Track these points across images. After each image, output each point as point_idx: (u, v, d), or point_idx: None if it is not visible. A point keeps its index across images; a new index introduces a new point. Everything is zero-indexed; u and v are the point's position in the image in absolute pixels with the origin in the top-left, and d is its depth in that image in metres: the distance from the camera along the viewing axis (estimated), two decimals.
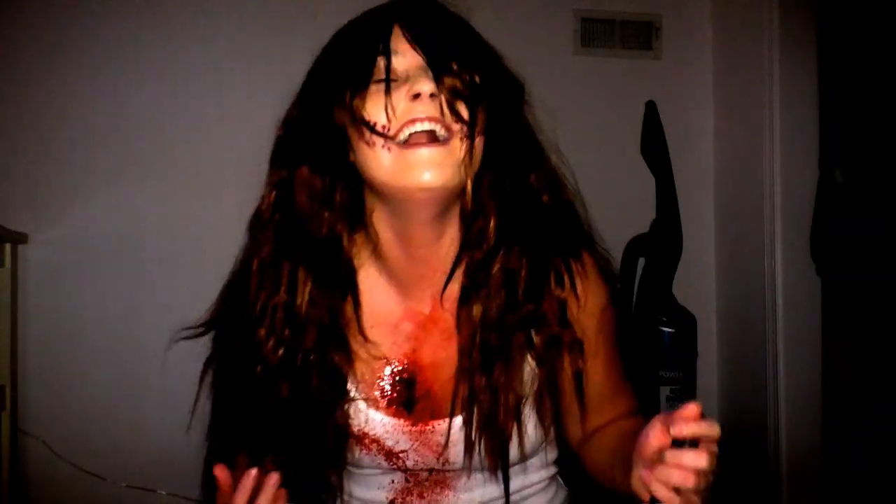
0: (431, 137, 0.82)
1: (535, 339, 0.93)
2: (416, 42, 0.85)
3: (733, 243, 2.31)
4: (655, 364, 2.17)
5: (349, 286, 0.94)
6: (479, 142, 0.85)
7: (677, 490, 0.75)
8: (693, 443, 0.75)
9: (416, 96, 0.82)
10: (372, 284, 0.97)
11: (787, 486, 2.09)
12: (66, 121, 1.99)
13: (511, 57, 0.98)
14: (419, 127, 0.82)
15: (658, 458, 0.76)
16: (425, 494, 1.00)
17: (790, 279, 2.09)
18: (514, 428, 0.93)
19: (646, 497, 0.78)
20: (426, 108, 0.82)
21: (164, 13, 2.05)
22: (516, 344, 0.92)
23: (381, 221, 0.92)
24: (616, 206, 2.35)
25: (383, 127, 0.83)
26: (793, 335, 2.09)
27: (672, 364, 2.17)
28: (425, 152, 0.82)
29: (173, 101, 2.04)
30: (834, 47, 2.10)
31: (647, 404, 2.16)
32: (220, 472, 0.86)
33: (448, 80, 0.83)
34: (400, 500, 1.02)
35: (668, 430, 0.76)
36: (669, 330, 2.17)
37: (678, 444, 0.75)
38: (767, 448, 2.12)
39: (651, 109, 2.28)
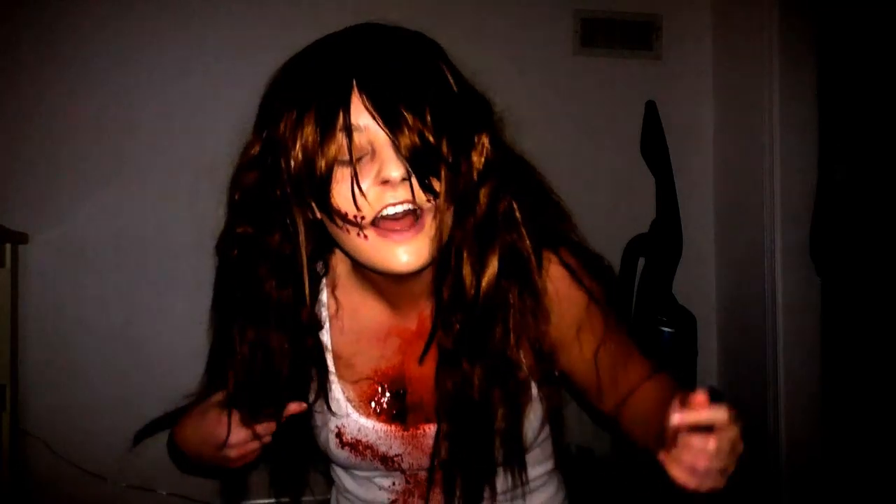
0: (409, 214, 0.81)
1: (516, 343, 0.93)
2: (377, 110, 0.79)
3: (733, 243, 2.31)
4: (655, 364, 2.17)
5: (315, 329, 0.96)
6: (450, 210, 0.84)
7: (696, 470, 0.78)
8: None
9: (386, 182, 0.80)
10: (357, 301, 0.98)
11: (787, 485, 2.09)
12: (67, 121, 1.98)
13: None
14: (391, 210, 0.81)
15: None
16: (426, 496, 1.01)
17: (790, 279, 2.09)
18: (502, 428, 0.94)
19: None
20: (397, 193, 0.80)
21: (164, 13, 2.05)
22: (497, 353, 0.92)
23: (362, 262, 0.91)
24: (616, 206, 2.35)
25: (355, 217, 0.81)
26: (793, 335, 2.09)
27: (672, 364, 2.17)
28: (402, 240, 0.82)
29: (174, 101, 2.04)
30: (834, 47, 2.10)
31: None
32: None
33: (416, 153, 0.79)
34: (401, 501, 1.03)
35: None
36: (669, 330, 2.17)
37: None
38: (767, 447, 2.12)
39: (651, 109, 2.28)
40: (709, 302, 2.36)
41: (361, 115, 0.80)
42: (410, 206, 0.81)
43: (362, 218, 0.81)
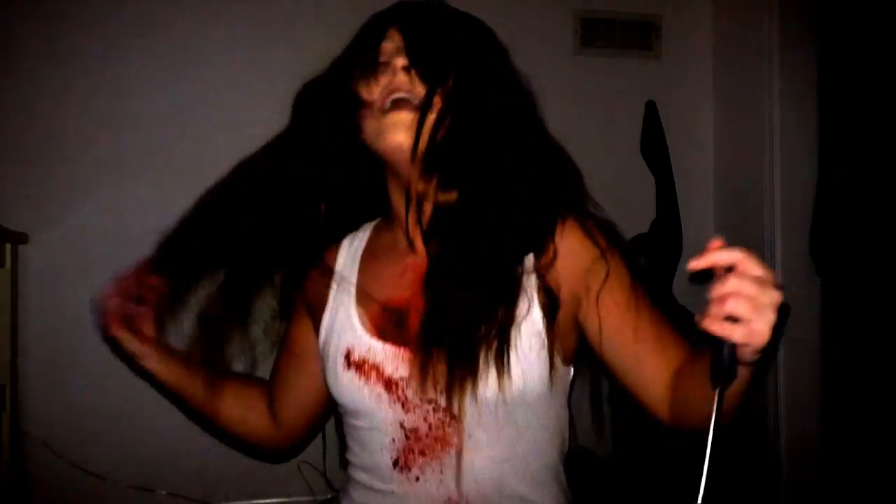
0: (406, 104, 1.00)
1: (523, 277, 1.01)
2: (403, 33, 1.02)
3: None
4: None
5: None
6: (445, 113, 1.00)
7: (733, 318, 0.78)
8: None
9: (394, 72, 1.01)
10: (386, 242, 1.13)
11: (786, 486, 2.09)
12: (67, 120, 1.98)
13: (511, 57, 1.03)
14: (395, 95, 1.00)
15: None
16: (427, 452, 1.02)
17: (790, 279, 2.09)
18: (493, 359, 0.97)
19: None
20: (400, 79, 1.00)
21: (164, 12, 2.05)
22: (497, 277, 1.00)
23: (393, 188, 1.08)
24: (616, 206, 2.35)
25: (368, 100, 1.02)
26: (792, 335, 2.09)
27: None
28: (398, 115, 1.00)
29: (174, 101, 2.04)
30: (834, 47, 2.10)
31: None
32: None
33: (421, 52, 1.00)
34: (403, 459, 1.04)
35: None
36: None
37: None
38: (767, 447, 2.12)
39: (651, 109, 2.28)
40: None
41: (393, 36, 1.03)
42: (409, 96, 1.00)
43: (374, 101, 1.02)
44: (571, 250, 1.03)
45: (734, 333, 0.78)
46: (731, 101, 2.32)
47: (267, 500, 2.00)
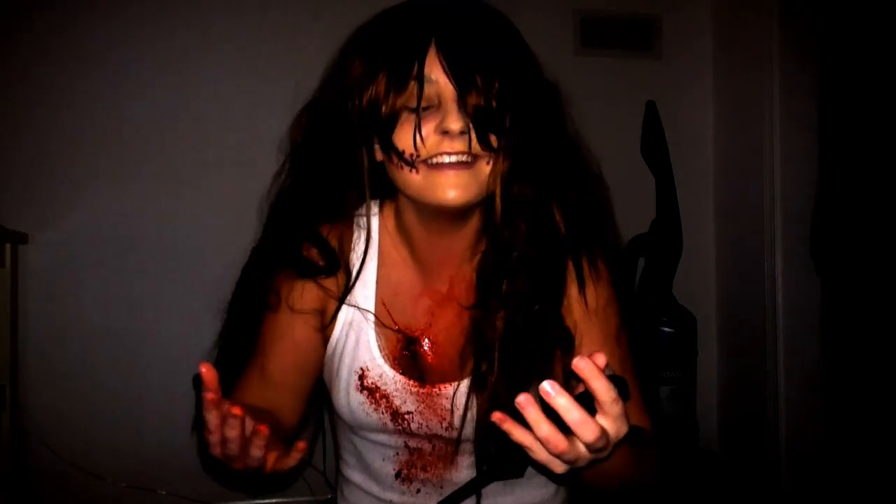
0: (460, 164, 0.87)
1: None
2: (450, 68, 0.85)
3: (733, 243, 2.31)
4: (655, 364, 2.17)
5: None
6: (506, 162, 0.89)
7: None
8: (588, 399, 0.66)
9: (446, 132, 0.85)
10: (397, 259, 1.04)
11: (787, 485, 2.09)
12: (67, 120, 1.98)
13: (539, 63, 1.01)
14: (447, 159, 0.87)
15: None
16: (429, 468, 1.04)
17: (790, 279, 2.09)
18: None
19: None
20: (455, 143, 0.86)
21: (164, 12, 2.05)
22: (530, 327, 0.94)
23: (407, 209, 0.98)
24: (616, 206, 2.35)
25: (411, 155, 0.87)
26: (793, 335, 2.09)
27: (672, 364, 2.17)
28: (451, 176, 0.87)
29: (174, 101, 2.04)
30: (834, 47, 2.10)
31: (648, 404, 2.16)
32: (207, 371, 0.77)
33: (479, 112, 0.85)
34: (405, 472, 1.05)
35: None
36: (669, 330, 2.17)
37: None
38: (767, 447, 2.12)
39: (651, 109, 2.28)
40: (709, 302, 2.36)
41: (434, 69, 0.86)
42: (464, 158, 0.87)
43: (417, 157, 0.87)
44: (588, 294, 0.99)
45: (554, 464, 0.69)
46: (731, 101, 2.32)
47: (267, 500, 2.00)
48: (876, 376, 2.01)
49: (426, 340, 1.02)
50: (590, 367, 0.65)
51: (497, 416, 0.67)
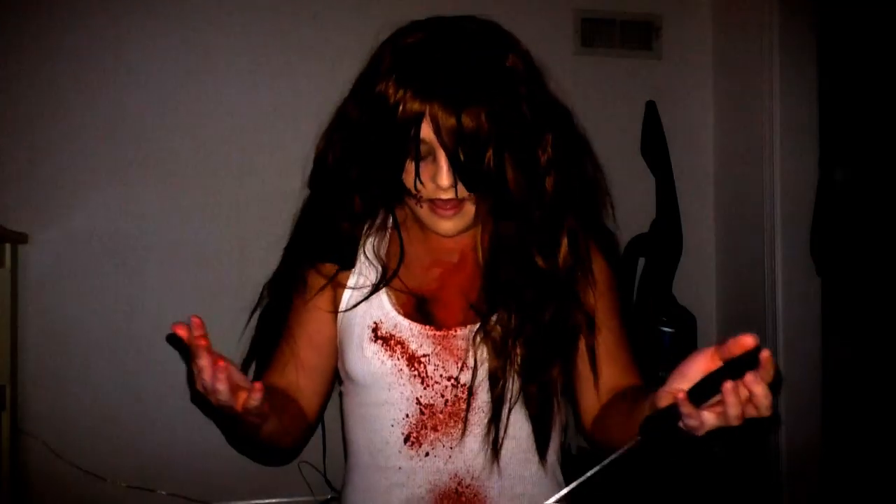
0: (451, 203, 1.03)
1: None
2: (438, 136, 0.98)
3: (733, 243, 2.31)
4: (655, 364, 2.17)
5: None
6: (489, 200, 1.05)
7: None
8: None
9: (439, 185, 1.01)
10: (413, 230, 1.14)
11: (787, 486, 2.09)
12: (67, 120, 1.98)
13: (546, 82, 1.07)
14: (443, 197, 1.03)
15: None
16: (439, 427, 1.07)
17: (790, 279, 2.09)
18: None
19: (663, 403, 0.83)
20: (447, 194, 1.02)
21: (164, 12, 2.05)
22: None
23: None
24: (616, 206, 2.35)
25: (416, 194, 1.04)
26: (793, 335, 2.09)
27: (672, 364, 2.16)
28: (448, 212, 1.04)
29: (174, 101, 2.04)
30: (834, 47, 2.10)
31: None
32: (181, 330, 0.88)
33: (464, 169, 0.99)
34: (415, 434, 1.07)
35: (717, 356, 0.82)
36: (669, 330, 2.17)
37: (724, 373, 0.78)
38: (767, 447, 2.12)
39: (651, 109, 2.28)
40: (709, 302, 2.36)
41: (429, 133, 0.99)
42: (454, 198, 1.03)
43: (420, 195, 1.04)
44: (600, 274, 1.14)
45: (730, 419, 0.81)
46: (731, 101, 2.32)
47: (267, 500, 2.00)
48: (876, 376, 2.01)
49: (436, 300, 1.11)
50: (762, 352, 0.79)
51: (681, 395, 0.80)
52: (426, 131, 0.99)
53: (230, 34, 2.08)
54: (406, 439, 1.07)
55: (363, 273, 1.14)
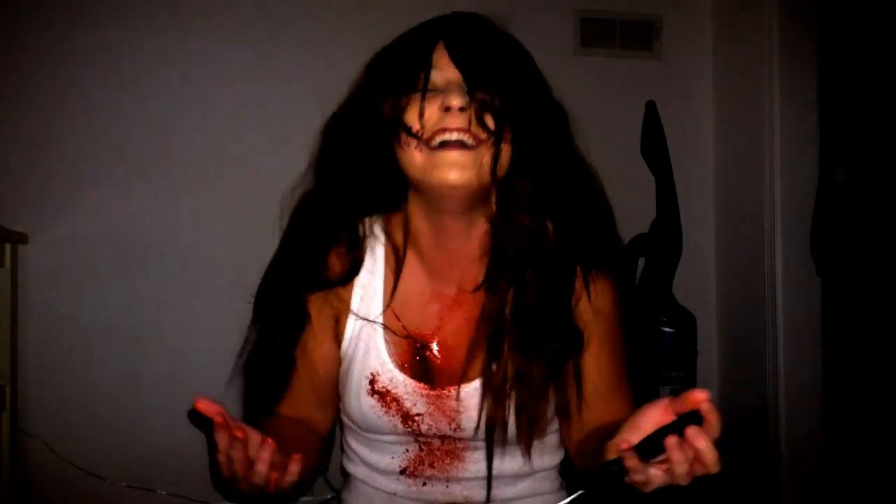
0: (460, 145, 0.93)
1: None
2: (455, 59, 0.94)
3: (733, 243, 2.31)
4: (655, 364, 2.17)
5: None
6: (505, 150, 0.94)
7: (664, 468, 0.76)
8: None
9: (448, 109, 0.92)
10: (405, 266, 1.07)
11: (787, 485, 2.09)
12: (67, 120, 1.98)
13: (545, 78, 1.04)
14: (448, 136, 0.92)
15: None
16: (436, 464, 1.06)
17: (790, 279, 2.09)
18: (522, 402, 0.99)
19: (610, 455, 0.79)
20: (455, 119, 0.92)
21: (163, 13, 2.05)
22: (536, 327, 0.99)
23: (416, 211, 1.03)
24: (616, 206, 2.35)
25: (417, 131, 0.94)
26: (793, 335, 2.09)
27: (672, 364, 2.18)
28: (452, 154, 0.92)
29: (174, 101, 2.04)
30: (834, 47, 2.10)
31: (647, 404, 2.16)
32: (204, 405, 0.80)
33: (479, 95, 0.92)
34: (412, 468, 1.07)
35: (671, 409, 0.78)
36: (669, 330, 2.18)
37: (673, 428, 0.75)
38: (767, 447, 2.12)
39: (651, 109, 2.28)
40: (709, 302, 2.36)
41: (442, 60, 0.95)
42: (464, 137, 0.92)
43: (422, 132, 0.94)
44: (600, 298, 1.05)
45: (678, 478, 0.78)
46: (731, 101, 2.32)
47: None
48: (876, 376, 2.01)
49: (435, 343, 1.05)
50: (709, 406, 0.75)
51: (624, 445, 0.76)
52: (439, 56, 0.95)
53: (232, 39, 2.08)
54: (403, 471, 1.07)
55: (366, 292, 1.06)
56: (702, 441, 0.74)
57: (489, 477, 1.01)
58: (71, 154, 1.98)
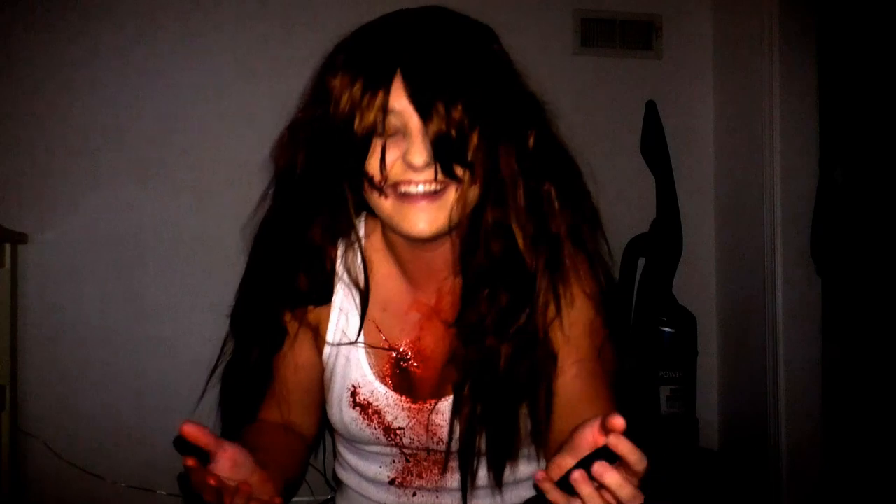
0: (428, 195, 0.88)
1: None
2: (413, 98, 0.84)
3: (733, 243, 2.31)
4: (655, 364, 2.17)
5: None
6: (474, 188, 0.89)
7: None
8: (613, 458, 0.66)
9: (411, 165, 0.85)
10: (385, 274, 1.04)
11: (787, 486, 2.09)
12: (67, 121, 1.99)
13: (511, 57, 0.99)
14: (413, 189, 0.87)
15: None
16: (424, 475, 1.05)
17: (790, 279, 2.09)
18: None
19: (553, 477, 0.70)
20: (420, 174, 0.86)
21: (163, 15, 2.05)
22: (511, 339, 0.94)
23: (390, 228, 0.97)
24: (616, 206, 2.35)
25: (379, 182, 0.88)
26: (793, 335, 2.09)
27: (672, 364, 2.18)
28: (420, 205, 0.88)
29: (173, 101, 2.04)
30: (834, 47, 2.10)
31: (647, 404, 2.16)
32: (190, 429, 0.76)
33: (442, 142, 0.85)
34: (400, 479, 1.06)
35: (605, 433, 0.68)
36: (669, 330, 2.17)
37: (604, 453, 0.66)
38: (767, 447, 2.12)
39: (651, 109, 2.28)
40: (709, 302, 2.36)
41: (399, 100, 0.85)
42: (431, 188, 0.87)
43: (385, 182, 0.88)
44: (577, 311, 0.97)
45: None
46: (731, 101, 2.32)
47: None
48: (876, 376, 2.01)
49: (415, 354, 1.02)
50: (616, 438, 0.65)
51: (539, 476, 0.69)
52: (396, 97, 0.85)
53: (232, 40, 2.08)
54: (392, 482, 1.06)
55: (343, 306, 1.03)
56: (609, 477, 0.65)
57: (464, 491, 0.97)
58: (71, 155, 1.99)
